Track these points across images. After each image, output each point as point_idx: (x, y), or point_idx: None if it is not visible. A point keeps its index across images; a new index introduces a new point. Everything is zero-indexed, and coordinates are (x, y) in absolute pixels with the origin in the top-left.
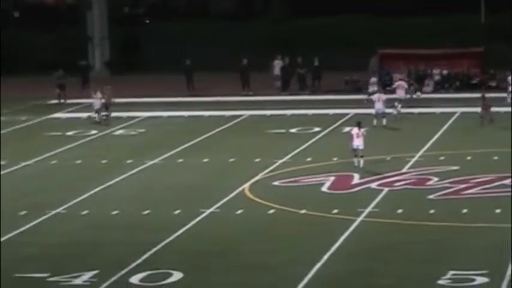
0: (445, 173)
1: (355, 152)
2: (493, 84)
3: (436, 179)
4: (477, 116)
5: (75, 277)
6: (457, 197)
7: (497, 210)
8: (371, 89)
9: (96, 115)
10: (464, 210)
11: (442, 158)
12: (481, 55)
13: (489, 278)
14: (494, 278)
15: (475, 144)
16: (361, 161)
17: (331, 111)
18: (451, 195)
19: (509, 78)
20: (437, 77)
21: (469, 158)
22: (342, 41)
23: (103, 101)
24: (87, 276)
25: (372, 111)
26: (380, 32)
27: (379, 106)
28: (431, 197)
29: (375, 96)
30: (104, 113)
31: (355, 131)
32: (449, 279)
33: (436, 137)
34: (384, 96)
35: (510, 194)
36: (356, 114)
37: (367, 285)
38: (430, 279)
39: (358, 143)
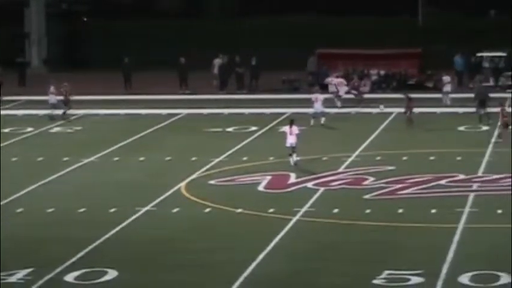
0: (381, 173)
1: (289, 150)
2: (430, 85)
3: (372, 178)
4: (413, 116)
5: (10, 275)
6: (392, 197)
7: (433, 211)
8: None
9: (50, 111)
10: (400, 210)
11: (378, 158)
12: (419, 56)
13: (424, 277)
14: (429, 278)
15: (411, 144)
16: (294, 157)
17: (268, 111)
18: (386, 195)
19: (444, 78)
20: (374, 77)
21: (405, 158)
22: (280, 41)
23: (59, 97)
24: (21, 274)
25: (308, 110)
26: (319, 32)
27: (317, 106)
28: (367, 196)
29: (313, 96)
30: (62, 110)
31: (288, 129)
32: (385, 278)
33: (372, 137)
34: (321, 96)
35: (465, 193)
36: (293, 114)
37: (303, 285)
38: (366, 279)
39: (291, 140)
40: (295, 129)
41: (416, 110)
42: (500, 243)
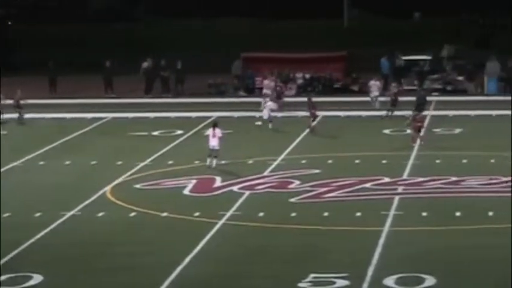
0: (307, 176)
1: (210, 152)
2: (356, 88)
3: (297, 182)
4: (339, 120)
5: None
6: (318, 200)
7: (358, 214)
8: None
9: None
10: (326, 214)
11: (303, 161)
12: (344, 59)
13: (349, 280)
14: (355, 281)
15: (336, 147)
16: (214, 162)
17: (193, 114)
18: (312, 198)
19: (371, 82)
20: (300, 81)
21: (330, 161)
22: (205, 44)
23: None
24: None
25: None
26: (244, 35)
27: (265, 111)
28: (292, 200)
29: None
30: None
31: (211, 131)
32: (310, 282)
33: (297, 140)
34: (270, 103)
35: (390, 196)
36: (219, 117)
37: None
38: (291, 282)
39: (213, 143)
40: (218, 132)
41: (343, 113)
42: (425, 246)
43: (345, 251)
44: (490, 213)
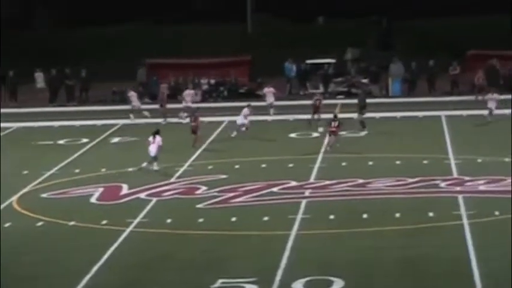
0: (214, 181)
1: (150, 159)
2: (261, 93)
3: (204, 187)
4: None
5: None
6: (225, 206)
7: (266, 218)
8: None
9: None
10: (233, 219)
11: (210, 167)
12: (249, 64)
13: (258, 285)
14: (263, 285)
15: (243, 152)
16: (154, 165)
17: (99, 122)
18: (219, 203)
19: (266, 90)
20: (205, 86)
21: (237, 166)
22: (109, 52)
23: None
24: None
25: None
26: (148, 42)
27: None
28: (200, 206)
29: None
30: None
31: (151, 139)
32: (219, 287)
33: (204, 146)
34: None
35: (298, 200)
36: (124, 125)
37: None
38: (201, 287)
39: (152, 150)
40: (159, 140)
41: (252, 118)
42: (333, 249)
43: (253, 256)
44: (397, 215)
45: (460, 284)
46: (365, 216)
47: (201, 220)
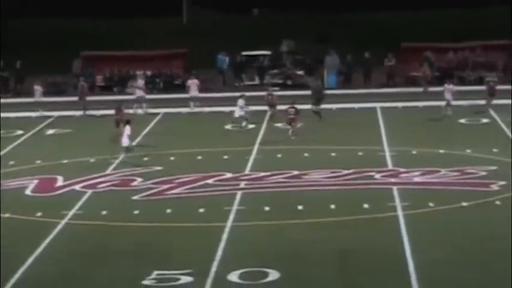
0: (149, 173)
1: (122, 150)
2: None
3: (140, 179)
4: (181, 116)
5: None
6: (161, 198)
7: (201, 210)
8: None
9: None
10: (169, 211)
11: (146, 158)
12: (184, 56)
13: (193, 277)
14: (199, 277)
15: (178, 144)
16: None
17: (34, 114)
18: (155, 195)
19: (189, 82)
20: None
21: (172, 158)
22: (45, 44)
23: None
24: None
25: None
26: (83, 34)
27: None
28: (135, 197)
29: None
30: None
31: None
32: (154, 279)
33: (139, 138)
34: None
35: (233, 192)
36: (59, 117)
37: None
38: (135, 280)
39: (125, 140)
40: (128, 129)
41: (185, 110)
42: (268, 240)
43: (189, 248)
44: (332, 206)
45: (395, 275)
46: (300, 207)
47: (136, 212)
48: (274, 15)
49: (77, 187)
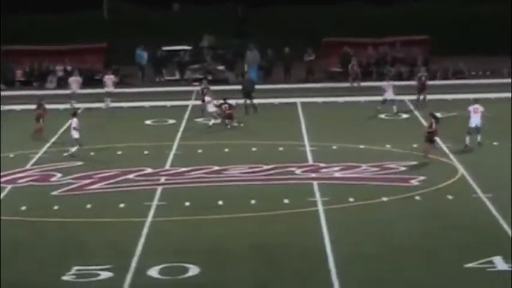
0: (69, 168)
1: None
2: (116, 80)
3: (59, 175)
4: (100, 111)
5: None
6: (80, 193)
7: (121, 205)
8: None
9: None
10: (88, 206)
11: (65, 154)
12: (104, 51)
13: (113, 272)
14: (118, 272)
15: (98, 139)
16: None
17: None
18: (74, 190)
19: (71, 79)
20: (60, 73)
21: (92, 153)
22: None
23: None
24: None
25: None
26: (4, 29)
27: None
28: (55, 193)
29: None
30: None
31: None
32: (74, 274)
33: (59, 132)
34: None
35: (153, 187)
36: None
37: None
38: (55, 276)
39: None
40: (75, 122)
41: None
42: (188, 235)
43: (109, 243)
44: (253, 202)
45: (314, 269)
46: (220, 203)
47: (56, 207)
48: (194, 10)
49: None
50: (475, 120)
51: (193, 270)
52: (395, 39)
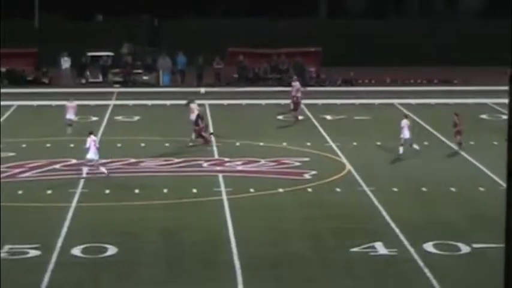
0: (3, 158)
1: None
2: (46, 80)
3: None
4: (32, 108)
5: None
6: (13, 180)
7: (49, 191)
8: None
9: None
10: (20, 192)
11: (1, 145)
12: (35, 55)
13: (41, 251)
14: (45, 251)
15: (28, 133)
16: None
17: None
18: (8, 178)
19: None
20: None
21: (24, 145)
22: None
23: None
24: None
25: None
26: None
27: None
28: None
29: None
30: None
31: None
32: (7, 252)
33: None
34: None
35: (59, 177)
36: None
37: None
38: None
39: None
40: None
41: (36, 103)
42: (108, 219)
43: (37, 225)
44: (165, 191)
45: (218, 251)
46: (136, 191)
47: None
48: (115, 20)
49: None
50: (406, 133)
51: (111, 249)
52: (282, 50)
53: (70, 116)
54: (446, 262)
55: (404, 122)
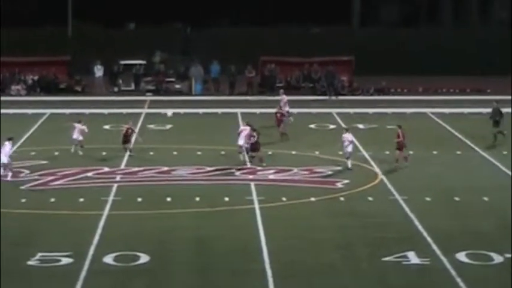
0: (36, 166)
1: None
2: (79, 89)
3: (27, 171)
4: (65, 117)
5: None
6: (45, 188)
7: (81, 199)
8: None
9: None
10: (52, 199)
11: (33, 153)
12: (68, 63)
13: (73, 258)
14: (78, 259)
15: (61, 141)
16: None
17: None
18: (40, 186)
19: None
20: (29, 82)
21: (56, 153)
22: None
23: None
24: None
25: None
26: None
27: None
28: (23, 187)
29: None
30: None
31: None
32: (38, 260)
33: (28, 134)
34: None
35: (110, 184)
36: None
37: None
38: (21, 261)
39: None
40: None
41: (68, 111)
42: (140, 227)
43: (69, 233)
44: (197, 199)
45: (250, 259)
46: (168, 199)
47: (23, 200)
48: (147, 28)
49: None
50: (349, 147)
51: (143, 258)
52: (315, 59)
53: (77, 136)
54: (479, 272)
55: (346, 137)
